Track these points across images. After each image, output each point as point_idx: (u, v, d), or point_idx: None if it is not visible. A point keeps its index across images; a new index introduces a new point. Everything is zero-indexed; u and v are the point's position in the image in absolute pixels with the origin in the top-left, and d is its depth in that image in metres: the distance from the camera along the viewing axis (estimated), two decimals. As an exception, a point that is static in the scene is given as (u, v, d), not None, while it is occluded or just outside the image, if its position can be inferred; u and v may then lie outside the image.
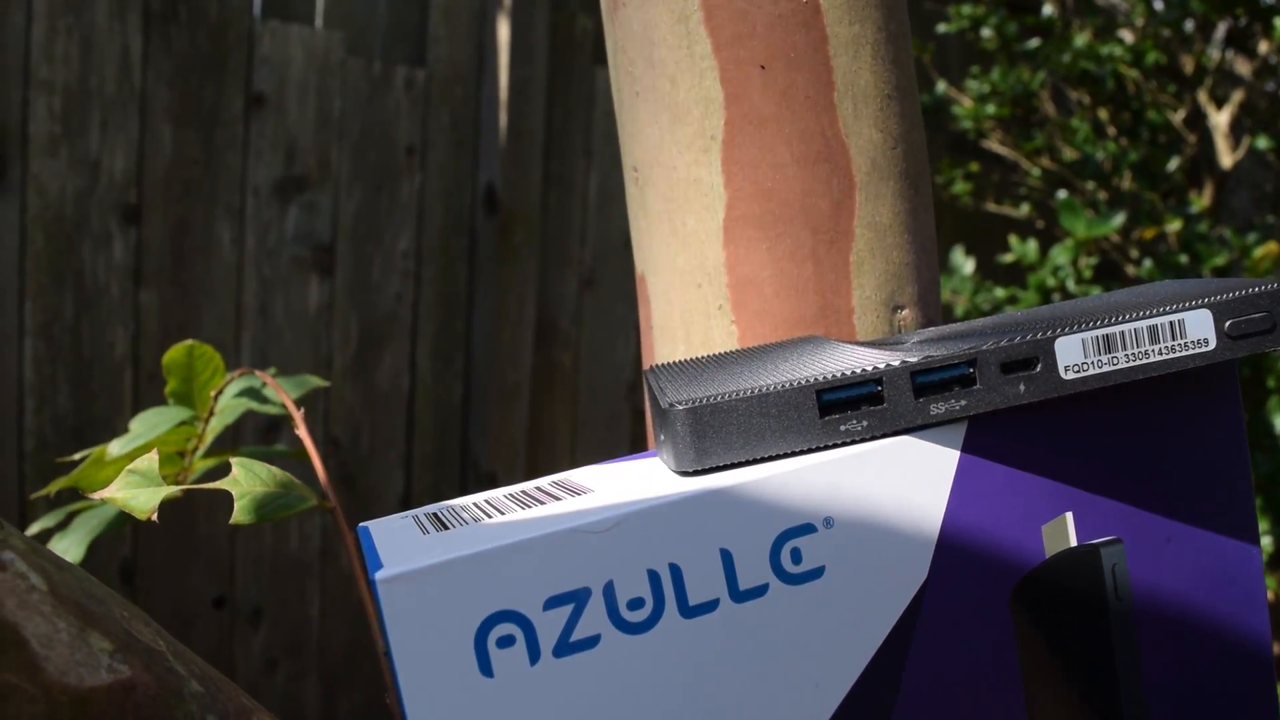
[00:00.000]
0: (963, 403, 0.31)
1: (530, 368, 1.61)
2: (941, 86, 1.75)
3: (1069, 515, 0.33)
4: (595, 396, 1.69)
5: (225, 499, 1.38)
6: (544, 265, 1.62)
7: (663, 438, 0.32)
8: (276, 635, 1.43)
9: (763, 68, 0.38)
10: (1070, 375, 0.31)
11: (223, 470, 1.35)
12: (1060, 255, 1.35)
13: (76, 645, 0.28)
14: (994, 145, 1.76)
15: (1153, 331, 0.31)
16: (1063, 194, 1.41)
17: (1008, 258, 1.48)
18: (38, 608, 0.28)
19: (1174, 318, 0.31)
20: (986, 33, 1.68)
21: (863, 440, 0.31)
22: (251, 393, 0.65)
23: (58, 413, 1.27)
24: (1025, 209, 1.76)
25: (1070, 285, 1.38)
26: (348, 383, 1.47)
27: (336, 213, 1.45)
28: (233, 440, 1.37)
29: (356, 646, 1.50)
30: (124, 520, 0.61)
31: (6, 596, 0.27)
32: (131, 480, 0.42)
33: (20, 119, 1.23)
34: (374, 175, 1.48)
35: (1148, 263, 1.44)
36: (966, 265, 1.51)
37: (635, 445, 1.74)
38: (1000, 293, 1.52)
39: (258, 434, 1.40)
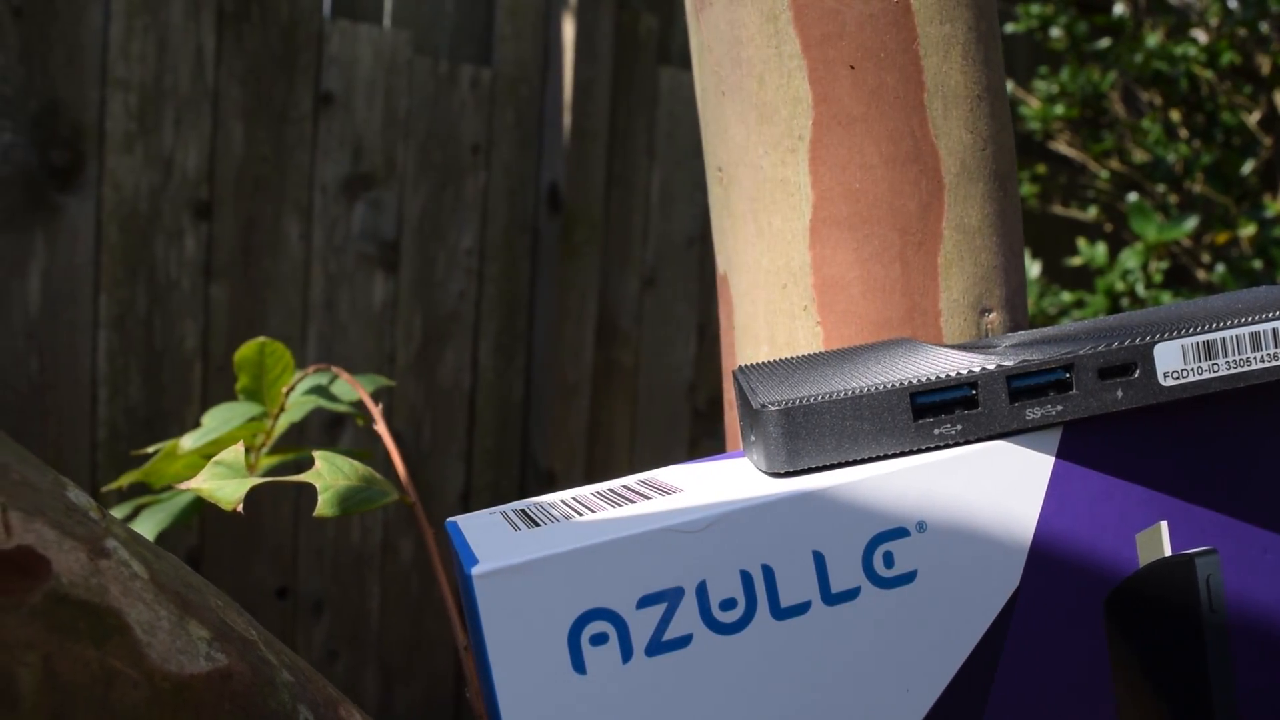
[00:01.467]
0: (1059, 408, 0.31)
1: (591, 366, 1.62)
2: (1009, 87, 1.73)
3: (1164, 524, 0.32)
4: (654, 396, 1.69)
5: (289, 492, 1.40)
6: (605, 264, 1.62)
7: (753, 438, 0.32)
8: (337, 626, 1.45)
9: (852, 67, 0.38)
10: (1169, 382, 0.31)
11: (290, 465, 1.37)
12: (1130, 259, 1.33)
13: (177, 633, 0.29)
14: (1061, 147, 1.73)
15: (1255, 338, 0.31)
16: (1133, 197, 1.39)
17: (1075, 261, 1.46)
18: (140, 595, 0.29)
19: (1278, 324, 0.31)
20: (1055, 32, 1.65)
21: (956, 444, 0.31)
22: (320, 390, 0.66)
23: (129, 404, 1.30)
24: (1093, 212, 1.74)
25: (1140, 290, 1.36)
26: (410, 379, 1.48)
27: (402, 210, 1.47)
28: (297, 437, 1.39)
29: (415, 639, 1.51)
30: (191, 513, 0.62)
31: (111, 583, 0.28)
32: (218, 472, 0.43)
33: (97, 117, 1.26)
34: (439, 173, 1.49)
35: (1220, 268, 1.41)
36: (1033, 268, 1.49)
37: (694, 445, 1.74)
38: (1067, 296, 1.50)
39: (321, 430, 1.42)
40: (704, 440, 1.75)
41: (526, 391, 1.59)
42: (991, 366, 0.31)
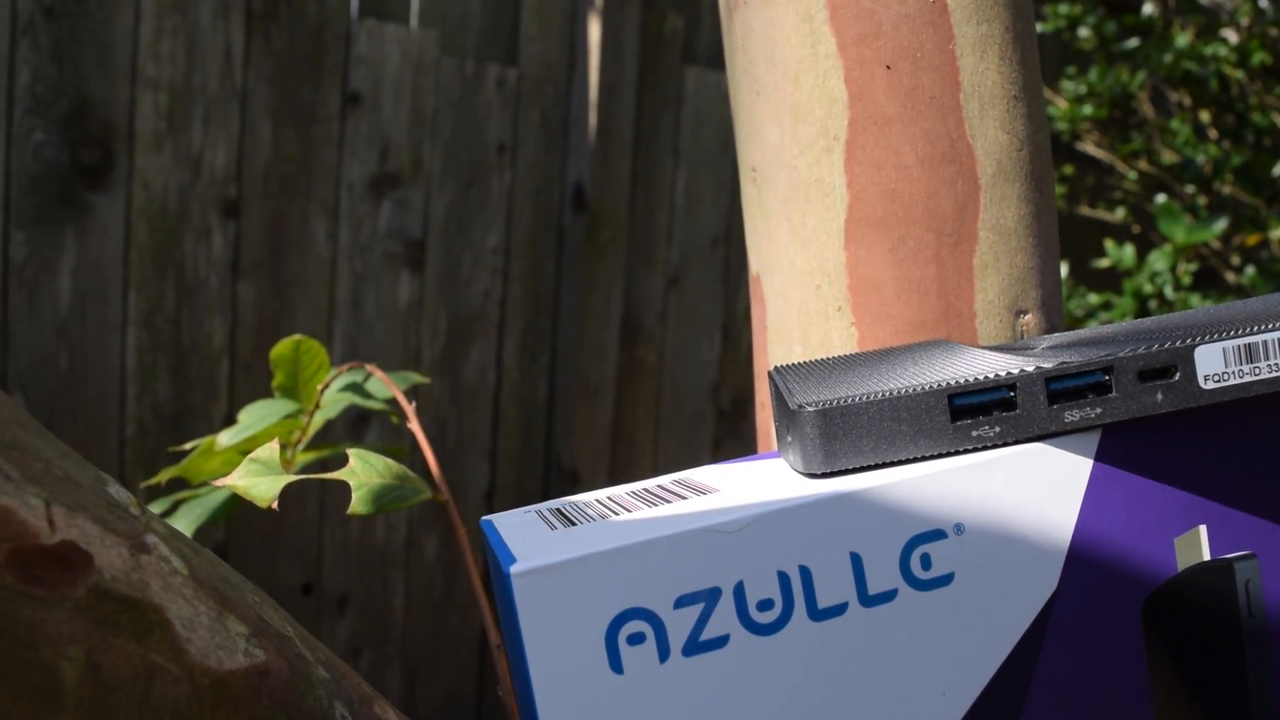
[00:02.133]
0: (1098, 410, 0.31)
1: (615, 366, 1.62)
2: (1036, 87, 1.72)
3: (1203, 528, 0.32)
4: (679, 396, 1.69)
5: (314, 488, 1.41)
6: (630, 264, 1.62)
7: (790, 439, 0.32)
8: (361, 623, 1.46)
9: (888, 67, 0.38)
10: (1210, 385, 0.30)
11: (323, 462, 1.38)
12: (1158, 261, 1.32)
13: (216, 628, 0.29)
14: (1089, 148, 1.72)
15: (1297, 341, 0.30)
16: (1162, 198, 1.38)
17: (1103, 263, 1.45)
18: (180, 591, 0.29)
19: (1321, 327, 0.30)
20: (1084, 32, 1.64)
21: (994, 447, 0.31)
22: (353, 387, 0.66)
23: (157, 400, 1.31)
24: (1121, 213, 1.72)
25: (1168, 292, 1.35)
26: (435, 377, 1.49)
27: (428, 209, 1.47)
28: (324, 435, 1.40)
29: (438, 637, 1.52)
30: (228, 509, 0.63)
31: (152, 579, 0.28)
32: (253, 469, 0.43)
33: (127, 116, 1.26)
34: (465, 173, 1.50)
35: (1250, 270, 1.40)
36: (1060, 269, 1.49)
37: (717, 445, 1.74)
38: (1094, 298, 1.49)
39: (348, 427, 1.43)
40: (727, 440, 1.75)
41: (551, 390, 1.59)
42: (1030, 368, 0.30)
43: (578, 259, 1.57)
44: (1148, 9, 1.68)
